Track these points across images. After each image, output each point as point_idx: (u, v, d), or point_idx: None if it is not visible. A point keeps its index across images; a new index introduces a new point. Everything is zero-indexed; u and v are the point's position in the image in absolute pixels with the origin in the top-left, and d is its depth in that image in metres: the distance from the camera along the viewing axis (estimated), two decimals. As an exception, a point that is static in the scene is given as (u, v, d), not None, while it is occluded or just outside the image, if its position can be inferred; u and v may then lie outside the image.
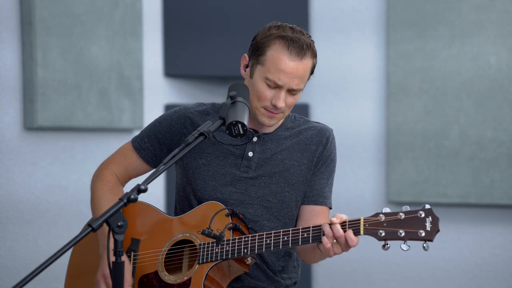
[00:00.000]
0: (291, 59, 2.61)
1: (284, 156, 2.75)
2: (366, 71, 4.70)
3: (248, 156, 2.73)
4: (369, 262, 4.68)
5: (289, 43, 2.61)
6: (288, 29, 2.65)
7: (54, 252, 2.14)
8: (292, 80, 2.62)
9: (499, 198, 4.39)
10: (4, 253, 3.83)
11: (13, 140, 3.86)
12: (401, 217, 2.44)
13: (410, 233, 2.41)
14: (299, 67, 2.62)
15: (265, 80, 2.63)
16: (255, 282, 2.74)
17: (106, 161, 2.92)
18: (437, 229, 2.42)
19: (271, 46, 2.62)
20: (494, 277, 4.47)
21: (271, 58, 2.62)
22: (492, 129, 4.40)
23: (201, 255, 2.62)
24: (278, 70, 2.60)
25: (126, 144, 2.89)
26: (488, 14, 4.40)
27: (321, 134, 2.79)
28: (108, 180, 2.86)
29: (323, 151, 2.77)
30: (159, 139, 2.81)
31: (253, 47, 2.68)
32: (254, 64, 2.66)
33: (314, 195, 2.77)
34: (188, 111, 2.80)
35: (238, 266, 2.65)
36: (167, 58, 4.67)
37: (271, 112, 2.66)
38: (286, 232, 2.55)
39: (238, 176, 2.73)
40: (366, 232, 2.45)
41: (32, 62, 3.86)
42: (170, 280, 2.65)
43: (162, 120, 2.82)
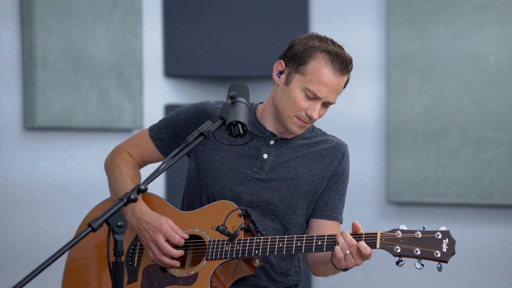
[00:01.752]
0: (334, 74, 2.66)
1: (298, 163, 2.77)
2: (367, 71, 4.70)
3: (263, 158, 2.75)
4: (369, 262, 4.67)
5: (334, 57, 2.66)
6: (330, 41, 2.71)
7: (54, 252, 2.14)
8: (331, 94, 2.66)
9: (499, 198, 4.39)
10: (4, 253, 3.84)
11: (13, 140, 3.86)
12: (418, 235, 2.48)
13: (425, 252, 2.45)
14: (339, 82, 2.68)
15: (304, 90, 2.65)
16: (257, 281, 2.75)
17: (123, 143, 2.95)
18: (453, 251, 2.46)
19: (315, 58, 2.66)
20: (494, 277, 4.47)
21: (314, 69, 2.64)
22: (492, 129, 4.40)
23: (210, 251, 2.63)
24: (320, 82, 2.64)
25: (144, 131, 2.92)
26: (488, 14, 4.40)
27: (337, 148, 2.82)
28: (128, 159, 2.89)
29: (338, 166, 2.81)
30: (176, 131, 2.84)
31: (292, 55, 2.69)
32: (293, 72, 2.68)
33: (328, 210, 2.80)
34: (208, 107, 2.83)
35: (245, 267, 2.66)
36: (167, 58, 4.67)
37: (303, 121, 2.69)
38: (300, 238, 2.57)
39: (249, 176, 2.74)
40: (382, 246, 2.50)
41: (32, 62, 3.86)
42: (176, 272, 2.66)
43: (181, 113, 2.85)
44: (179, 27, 4.67)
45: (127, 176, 2.83)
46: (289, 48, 2.72)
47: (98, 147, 4.18)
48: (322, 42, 2.69)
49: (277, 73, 2.73)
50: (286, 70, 2.70)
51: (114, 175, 2.85)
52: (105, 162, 2.96)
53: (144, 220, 2.68)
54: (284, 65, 2.71)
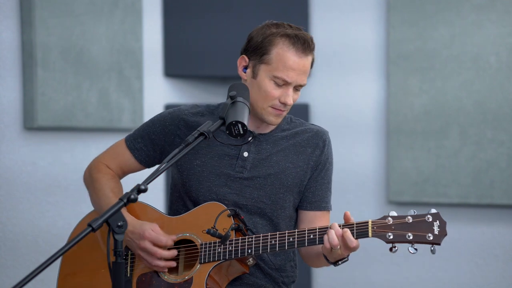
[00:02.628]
0: (298, 55, 2.63)
1: (280, 157, 2.75)
2: (366, 71, 4.70)
3: (243, 156, 2.74)
4: (369, 262, 4.68)
5: (294, 40, 2.63)
6: (286, 25, 2.68)
7: (54, 252, 2.14)
8: (300, 76, 2.64)
9: (499, 198, 4.39)
10: (4, 253, 3.83)
11: (13, 140, 3.85)
12: (409, 220, 2.48)
13: (418, 236, 2.47)
14: (305, 63, 2.65)
15: (272, 79, 2.64)
16: (254, 280, 2.74)
17: (99, 157, 2.93)
18: (444, 233, 2.48)
19: (276, 44, 2.63)
20: (494, 277, 4.47)
21: (278, 56, 2.63)
22: (492, 129, 4.40)
23: (203, 255, 2.62)
24: (287, 67, 2.62)
25: (120, 142, 2.89)
26: (488, 14, 4.40)
27: (318, 136, 2.80)
28: (106, 171, 2.87)
29: (321, 155, 2.78)
30: (152, 140, 2.82)
31: (253, 48, 2.68)
32: (257, 64, 2.66)
33: (316, 201, 2.79)
34: (183, 112, 2.80)
35: (239, 267, 2.65)
36: (167, 58, 4.67)
37: (279, 110, 2.67)
38: (292, 233, 2.57)
39: (232, 176, 2.73)
40: (374, 235, 2.49)
41: (32, 62, 3.86)
42: (170, 279, 2.65)
43: (156, 121, 2.83)
44: (179, 27, 4.67)
45: (108, 188, 2.81)
46: (248, 42, 2.70)
47: (98, 147, 4.17)
48: (280, 28, 2.66)
49: (242, 69, 2.71)
50: (251, 64, 2.68)
51: (94, 190, 2.84)
52: (83, 177, 2.94)
53: (129, 231, 2.66)
54: (248, 59, 2.69)
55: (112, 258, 2.25)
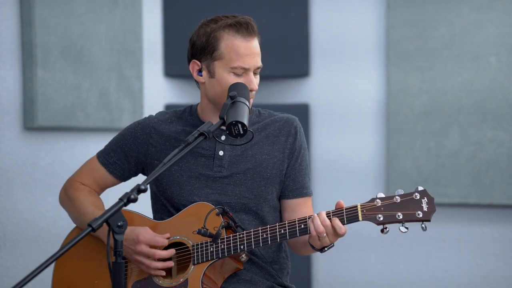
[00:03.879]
0: (245, 40, 2.65)
1: (255, 151, 2.76)
2: (366, 71, 4.70)
3: (219, 155, 2.74)
4: (369, 262, 4.68)
5: (236, 27, 2.65)
6: (223, 17, 2.70)
7: (54, 252, 2.14)
8: (254, 59, 2.65)
9: (499, 198, 4.39)
10: (4, 253, 3.83)
11: (13, 140, 3.86)
12: (397, 200, 2.51)
13: (408, 215, 2.49)
14: (254, 44, 2.66)
15: (231, 71, 2.64)
16: (250, 275, 2.75)
17: (73, 176, 2.93)
18: (433, 209, 2.50)
19: (221, 37, 2.65)
20: (494, 277, 4.47)
21: (227, 48, 2.64)
22: (492, 129, 4.40)
23: (196, 255, 2.62)
24: (239, 55, 2.63)
25: (92, 159, 2.90)
26: (488, 14, 4.40)
27: (289, 124, 2.81)
28: (82, 188, 2.87)
29: (294, 142, 2.79)
30: (125, 152, 2.82)
31: (199, 50, 2.68)
32: (210, 64, 2.67)
33: (297, 188, 2.80)
34: (152, 121, 2.82)
35: (233, 264, 2.65)
36: (167, 58, 4.67)
37: None
38: (283, 225, 2.57)
39: (212, 176, 2.73)
40: (364, 218, 2.51)
41: (32, 62, 3.86)
42: (165, 283, 2.65)
43: (127, 133, 2.84)
44: (179, 27, 4.67)
45: (88, 202, 2.81)
46: (192, 46, 2.71)
47: (98, 147, 4.16)
48: (218, 22, 2.68)
49: (196, 73, 2.71)
50: (204, 65, 2.69)
51: (74, 208, 2.84)
52: (59, 198, 2.94)
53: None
54: (199, 62, 2.69)
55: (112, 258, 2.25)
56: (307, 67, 4.77)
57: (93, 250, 2.78)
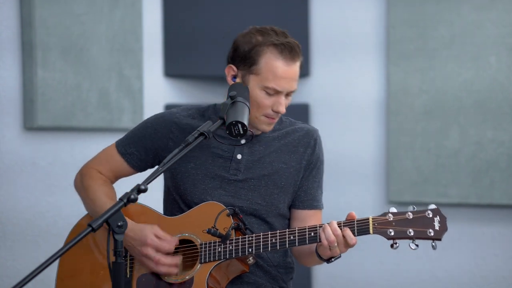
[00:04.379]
0: (287, 64, 2.62)
1: (273, 158, 2.76)
2: (366, 71, 4.70)
3: (237, 158, 2.74)
4: (369, 262, 4.68)
5: (281, 48, 2.62)
6: (272, 32, 2.65)
7: (54, 252, 2.14)
8: (290, 83, 2.63)
9: (499, 198, 4.39)
10: (4, 253, 3.83)
11: (13, 140, 3.86)
12: (409, 216, 2.50)
13: (419, 232, 2.47)
14: (294, 70, 2.64)
15: (263, 89, 2.62)
16: (254, 278, 2.75)
17: (90, 162, 2.91)
18: (445, 228, 2.50)
19: (263, 55, 2.62)
20: (494, 277, 4.47)
21: (266, 66, 2.61)
22: (492, 129, 4.40)
23: (203, 254, 2.62)
24: (276, 77, 2.61)
25: (110, 147, 2.88)
26: (488, 14, 4.40)
27: (309, 135, 2.80)
28: (97, 177, 2.86)
29: (312, 154, 2.79)
30: (144, 144, 2.81)
31: (240, 57, 2.66)
32: (247, 75, 2.65)
33: (308, 199, 2.80)
34: (174, 115, 2.80)
35: (239, 266, 2.65)
36: (167, 58, 4.67)
37: (271, 118, 2.67)
38: (292, 231, 2.57)
39: (227, 179, 2.73)
40: (375, 231, 2.49)
41: (32, 62, 3.86)
42: (171, 279, 2.65)
43: (148, 125, 2.82)
44: (179, 27, 4.67)
45: (102, 193, 2.80)
46: (234, 50, 2.68)
47: (98, 147, 4.16)
48: (265, 36, 2.64)
49: (231, 78, 2.69)
50: (240, 73, 2.67)
51: (88, 196, 2.82)
52: (74, 183, 2.92)
53: (130, 237, 2.66)
54: (236, 68, 2.67)
55: (112, 258, 2.25)
56: (307, 67, 4.77)
57: (98, 241, 2.78)
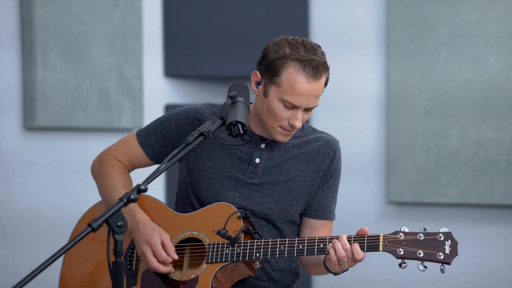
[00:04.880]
0: (308, 81, 2.59)
1: (290, 165, 2.74)
2: (366, 71, 4.70)
3: (255, 162, 2.73)
4: (370, 262, 4.67)
5: (305, 65, 2.59)
6: (301, 46, 2.62)
7: (54, 252, 2.14)
8: (309, 100, 2.61)
9: (499, 198, 4.39)
10: (4, 253, 3.83)
11: (13, 140, 3.86)
12: (420, 237, 2.48)
13: (429, 254, 2.46)
14: (316, 87, 2.61)
15: (281, 101, 2.61)
16: (257, 282, 2.74)
17: (109, 149, 2.90)
18: (456, 253, 2.47)
19: (286, 68, 2.59)
20: (494, 277, 4.47)
21: (287, 80, 2.59)
22: (492, 129, 4.40)
23: (210, 255, 2.61)
24: (296, 92, 2.59)
25: (131, 136, 2.87)
26: (488, 14, 4.40)
27: (329, 146, 2.78)
28: (116, 165, 2.85)
29: (330, 165, 2.77)
30: (165, 137, 2.80)
31: (265, 66, 2.64)
32: (268, 84, 2.63)
33: (321, 209, 2.78)
34: (198, 112, 2.78)
35: (246, 270, 2.65)
36: (167, 58, 4.67)
37: (287, 131, 2.66)
38: (301, 240, 2.56)
39: (243, 181, 2.73)
40: (384, 249, 2.50)
41: (32, 62, 3.86)
42: (175, 276, 2.65)
43: (170, 118, 2.81)
44: (179, 27, 4.67)
45: (119, 182, 2.79)
46: (263, 57, 2.67)
47: (98, 147, 4.16)
48: (293, 49, 2.61)
49: (255, 84, 2.68)
50: (263, 82, 2.65)
51: (104, 183, 2.82)
52: (91, 168, 2.92)
53: (139, 230, 2.66)
54: (260, 76, 2.66)
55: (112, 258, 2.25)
56: (307, 67, 4.77)
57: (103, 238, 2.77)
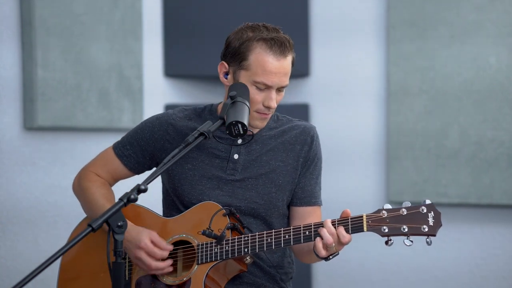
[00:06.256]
0: (276, 58, 2.61)
1: (270, 157, 2.75)
2: (366, 71, 4.70)
3: (234, 158, 2.73)
4: (369, 262, 4.68)
5: (270, 43, 2.61)
6: (263, 28, 2.65)
7: (54, 252, 2.14)
8: (280, 78, 2.63)
9: (499, 198, 4.39)
10: (4, 253, 3.84)
11: (13, 140, 3.86)
12: (403, 213, 2.50)
13: (413, 229, 2.47)
14: (284, 64, 2.63)
15: (253, 84, 2.62)
16: (253, 278, 2.75)
17: (88, 165, 2.92)
18: (439, 224, 2.48)
19: (253, 49, 2.62)
20: (494, 277, 4.47)
21: (256, 61, 2.61)
22: (492, 129, 4.40)
23: (200, 255, 2.62)
24: (266, 72, 2.60)
25: (108, 150, 2.89)
26: (488, 14, 4.40)
27: (305, 133, 2.79)
28: (95, 179, 2.87)
29: (309, 151, 2.78)
30: (141, 146, 2.81)
31: (231, 54, 2.66)
32: (237, 71, 2.65)
33: (306, 196, 2.79)
34: (170, 117, 2.80)
35: (237, 266, 2.65)
36: (167, 58, 4.67)
37: (263, 114, 2.67)
38: (287, 230, 2.57)
39: (224, 179, 2.73)
40: (369, 229, 2.50)
41: (32, 62, 3.86)
42: (169, 281, 2.65)
43: (144, 127, 2.82)
44: (179, 27, 4.67)
45: (100, 195, 2.80)
46: (226, 47, 2.68)
47: (98, 147, 4.16)
48: (255, 32, 2.63)
49: (223, 75, 2.69)
50: (231, 70, 2.67)
51: (86, 199, 2.83)
52: (73, 187, 2.93)
53: (127, 238, 2.66)
54: (227, 65, 2.67)
55: (112, 258, 2.25)
56: (307, 67, 4.77)
57: (99, 243, 2.78)
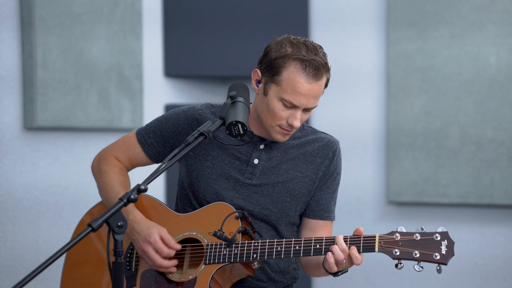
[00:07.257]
0: (308, 81, 2.58)
1: (289, 166, 2.74)
2: (366, 71, 4.70)
3: (254, 163, 2.72)
4: (369, 262, 4.67)
5: (305, 64, 2.58)
6: (303, 46, 2.61)
7: (54, 252, 2.14)
8: (309, 100, 2.60)
9: (499, 198, 4.39)
10: (4, 253, 3.84)
11: (13, 140, 3.86)
12: (416, 238, 2.47)
13: (425, 255, 2.44)
14: (315, 87, 2.60)
15: (281, 100, 2.60)
16: (256, 283, 2.74)
17: (109, 147, 2.91)
18: (452, 253, 2.45)
19: (287, 67, 2.59)
20: (494, 277, 4.47)
21: (287, 79, 2.58)
22: (492, 129, 4.40)
23: (208, 255, 2.61)
24: (295, 92, 2.58)
25: (130, 135, 2.87)
26: (488, 14, 4.40)
27: (328, 147, 2.77)
28: (115, 163, 2.86)
29: (329, 165, 2.76)
30: (164, 136, 2.80)
31: (266, 64, 2.63)
32: (268, 83, 2.63)
33: (320, 210, 2.77)
34: (196, 112, 2.78)
35: (244, 270, 2.65)
36: (167, 58, 4.67)
37: (286, 130, 2.65)
38: (298, 241, 2.56)
39: (241, 182, 2.72)
40: (380, 250, 2.48)
41: (32, 62, 3.86)
42: (174, 277, 2.65)
43: (169, 118, 2.81)
44: (179, 27, 4.67)
45: (117, 181, 2.79)
46: (264, 55, 2.66)
47: (98, 147, 4.16)
48: (294, 49, 2.60)
49: (255, 82, 2.68)
50: (263, 80, 2.65)
51: (103, 182, 2.82)
52: (91, 166, 2.92)
53: (136, 230, 2.66)
54: (260, 74, 2.65)
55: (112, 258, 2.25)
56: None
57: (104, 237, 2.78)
